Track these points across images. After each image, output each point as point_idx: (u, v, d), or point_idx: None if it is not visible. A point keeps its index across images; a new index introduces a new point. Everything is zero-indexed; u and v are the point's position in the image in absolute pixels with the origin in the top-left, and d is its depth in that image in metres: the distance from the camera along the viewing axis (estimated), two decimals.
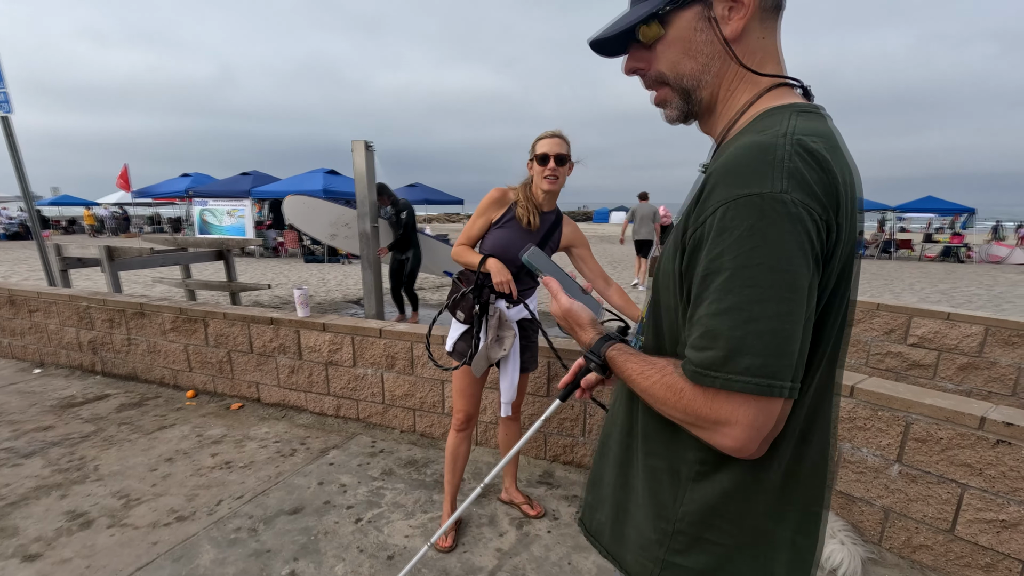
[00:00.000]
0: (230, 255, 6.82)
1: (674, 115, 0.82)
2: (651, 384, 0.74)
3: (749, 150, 0.65)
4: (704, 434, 0.69)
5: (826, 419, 0.79)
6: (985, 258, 17.52)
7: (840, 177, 0.66)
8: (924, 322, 3.96)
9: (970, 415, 2.08)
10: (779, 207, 0.61)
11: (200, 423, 3.66)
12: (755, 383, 0.62)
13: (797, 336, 0.63)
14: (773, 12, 0.75)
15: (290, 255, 16.32)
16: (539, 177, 2.10)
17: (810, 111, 0.72)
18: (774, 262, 0.61)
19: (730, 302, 0.62)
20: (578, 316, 0.91)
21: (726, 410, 0.65)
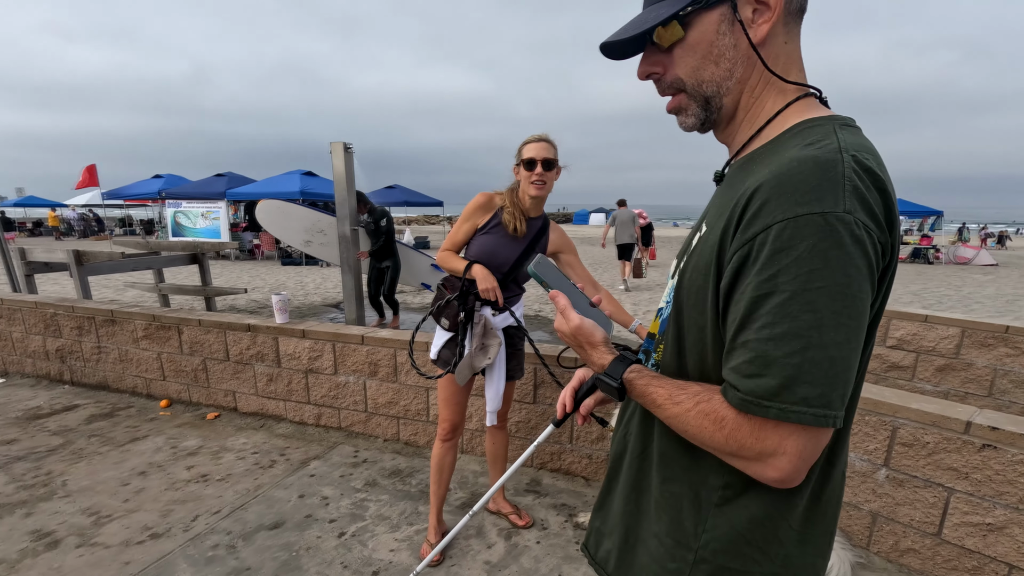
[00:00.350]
0: (204, 258, 6.64)
1: (691, 123, 0.78)
2: (683, 411, 0.69)
3: (807, 164, 0.61)
4: (744, 464, 0.65)
5: (846, 440, 0.77)
6: (953, 259, 18.04)
7: (892, 195, 0.63)
8: (903, 324, 4.02)
9: (956, 419, 2.10)
10: (844, 228, 0.57)
11: (175, 434, 3.53)
12: (812, 414, 0.58)
13: (853, 365, 0.60)
14: (797, 16, 0.71)
15: (267, 258, 16.03)
16: (526, 183, 2.06)
17: (849, 125, 0.69)
18: (836, 286, 0.57)
19: (787, 327, 0.58)
20: (590, 335, 0.84)
21: (773, 441, 0.61)
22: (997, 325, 3.65)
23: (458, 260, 2.15)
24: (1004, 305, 9.52)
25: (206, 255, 6.69)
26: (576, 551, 2.39)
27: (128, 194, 18.60)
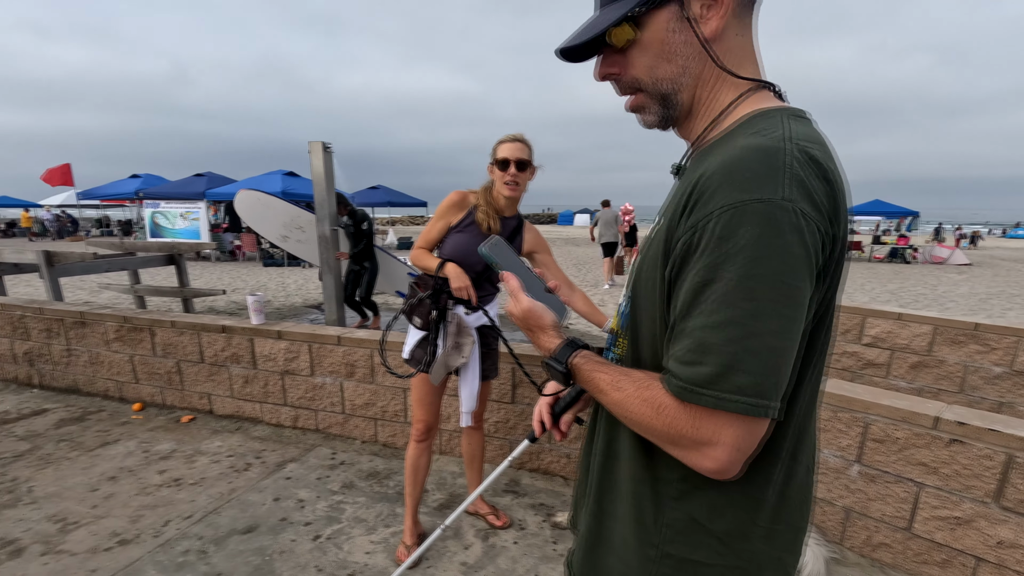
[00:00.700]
0: (182, 259, 6.53)
1: (651, 120, 0.78)
2: (625, 397, 0.68)
3: (751, 152, 0.61)
4: (682, 453, 0.65)
5: (811, 435, 0.77)
6: (929, 259, 18.40)
7: (838, 186, 0.63)
8: (877, 322, 4.08)
9: (925, 415, 2.13)
10: (783, 216, 0.57)
11: (147, 438, 3.46)
12: (746, 403, 0.58)
13: (790, 355, 0.60)
14: (749, 7, 0.71)
15: (248, 259, 15.82)
16: (499, 183, 2.05)
17: (801, 116, 0.69)
18: (775, 275, 0.57)
19: (726, 315, 0.58)
20: (539, 318, 0.83)
21: (710, 430, 0.61)
22: (967, 323, 3.73)
23: (431, 258, 2.13)
24: (977, 303, 9.73)
25: (183, 256, 6.58)
26: (553, 551, 2.38)
27: (104, 194, 18.25)
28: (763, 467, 0.70)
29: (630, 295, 0.78)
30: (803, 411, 0.72)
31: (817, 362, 0.72)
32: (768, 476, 0.71)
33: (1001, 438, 1.98)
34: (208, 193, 14.70)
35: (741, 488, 0.70)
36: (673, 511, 0.72)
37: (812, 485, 0.79)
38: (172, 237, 14.63)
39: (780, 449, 0.71)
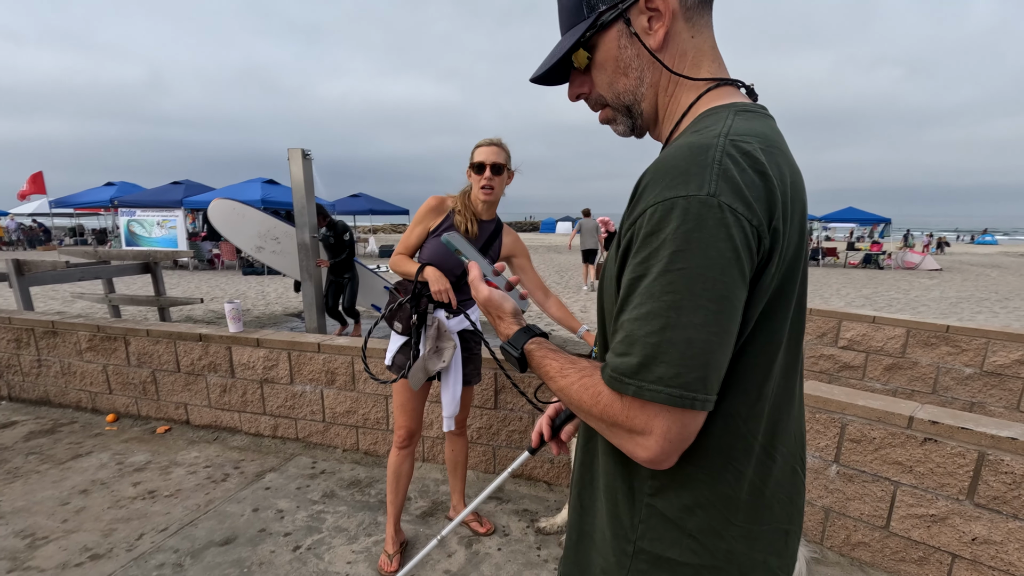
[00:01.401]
0: (158, 268, 6.41)
1: (622, 130, 0.82)
2: (569, 384, 0.71)
3: (683, 150, 0.63)
4: (619, 441, 0.66)
5: (792, 433, 0.77)
6: (901, 264, 18.87)
7: (776, 180, 0.63)
8: (852, 325, 4.16)
9: (899, 415, 2.17)
10: (706, 211, 0.58)
11: (121, 449, 3.38)
12: (667, 393, 0.59)
13: (715, 347, 0.60)
14: (700, 8, 0.73)
15: (227, 267, 15.59)
16: (476, 186, 2.06)
17: (752, 110, 0.71)
18: (697, 268, 0.58)
19: (649, 307, 0.60)
20: (500, 305, 0.85)
21: (641, 419, 0.62)
22: (939, 325, 3.82)
23: (410, 263, 2.12)
24: (948, 307, 9.99)
25: (159, 264, 6.46)
26: (537, 557, 2.37)
27: (78, 202, 17.87)
28: (733, 463, 0.71)
29: (598, 295, 0.80)
30: (774, 407, 0.73)
31: (788, 358, 0.72)
32: (740, 474, 0.71)
33: (972, 436, 2.03)
34: (186, 201, 14.48)
35: (711, 486, 0.70)
36: (647, 507, 0.73)
37: (799, 485, 0.79)
38: (149, 246, 14.37)
39: (751, 447, 0.71)
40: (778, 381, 0.72)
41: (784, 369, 0.73)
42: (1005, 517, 2.01)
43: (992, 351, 3.63)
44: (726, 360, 0.62)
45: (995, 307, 10.11)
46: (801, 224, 0.69)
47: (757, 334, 0.67)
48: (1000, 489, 2.00)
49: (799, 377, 0.79)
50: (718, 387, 0.62)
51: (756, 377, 0.69)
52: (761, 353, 0.68)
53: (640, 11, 0.71)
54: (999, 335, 3.60)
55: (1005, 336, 3.58)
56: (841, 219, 21.83)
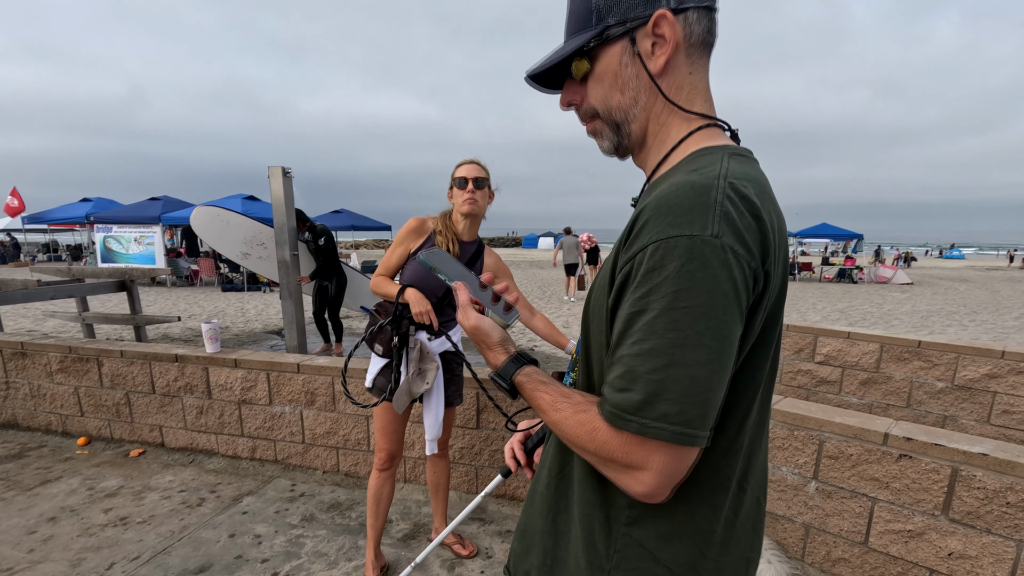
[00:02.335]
0: (134, 286, 6.28)
1: (606, 147, 0.83)
2: (563, 418, 0.70)
3: (684, 189, 0.63)
4: (614, 475, 0.67)
5: (761, 465, 0.78)
6: (874, 279, 19.31)
7: (769, 224, 0.65)
8: (828, 341, 4.24)
9: (875, 431, 2.21)
10: (710, 251, 0.59)
11: (92, 474, 3.28)
12: (670, 431, 0.60)
13: (716, 385, 0.61)
14: (701, 49, 0.75)
15: (206, 284, 15.34)
16: (459, 200, 2.08)
17: (742, 154, 0.73)
18: (700, 307, 0.59)
19: (652, 344, 0.60)
20: (487, 335, 0.84)
21: (639, 455, 0.62)
22: (911, 340, 3.90)
23: (391, 285, 2.12)
24: (920, 320, 10.23)
25: (136, 282, 6.33)
26: None
27: (52, 218, 17.50)
28: (711, 497, 0.72)
29: (583, 321, 0.80)
30: (750, 442, 0.74)
31: (764, 395, 0.74)
32: (716, 507, 0.72)
33: (945, 452, 2.07)
34: (164, 217, 14.26)
35: (689, 518, 0.71)
36: (623, 537, 0.73)
37: (762, 515, 0.80)
38: (125, 262, 14.09)
39: (728, 480, 0.72)
40: (755, 417, 0.73)
41: (761, 405, 0.74)
42: (979, 532, 2.04)
43: (962, 365, 3.72)
44: (722, 397, 0.64)
45: (964, 320, 10.38)
46: (785, 267, 0.71)
47: (742, 371, 0.68)
48: (973, 504, 2.04)
49: (769, 412, 0.80)
50: (713, 423, 0.63)
51: (739, 413, 0.71)
52: (745, 390, 0.70)
53: (646, 34, 0.73)
54: (968, 350, 3.69)
55: (974, 351, 3.68)
56: (816, 235, 22.35)
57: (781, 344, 0.79)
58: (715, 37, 0.76)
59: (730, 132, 0.80)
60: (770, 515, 2.50)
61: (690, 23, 0.73)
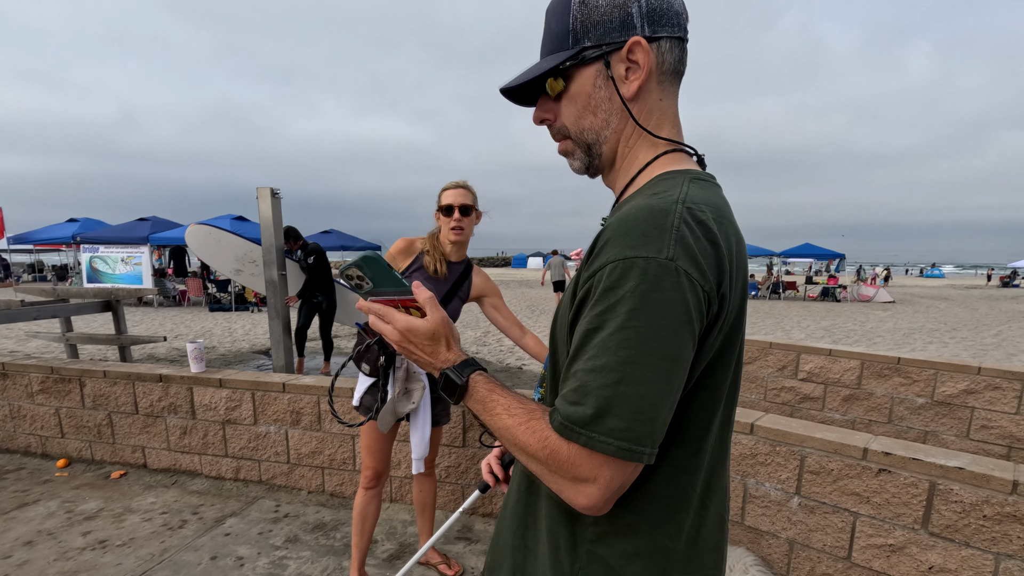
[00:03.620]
0: (119, 306, 6.22)
1: (577, 166, 0.84)
2: (516, 423, 0.70)
3: (643, 212, 0.66)
4: (558, 486, 0.67)
5: (723, 485, 0.80)
6: (857, 297, 19.60)
7: (726, 249, 0.67)
8: (810, 358, 4.30)
9: (854, 446, 2.24)
10: (664, 274, 0.61)
11: (72, 496, 3.22)
12: (616, 446, 0.61)
13: (664, 404, 0.63)
14: (672, 76, 0.78)
15: (194, 304, 15.21)
16: (445, 228, 2.11)
17: (704, 179, 0.75)
18: (652, 327, 0.61)
19: (604, 360, 0.62)
20: (452, 329, 0.81)
21: (586, 468, 0.64)
22: (890, 357, 3.97)
23: None
24: (902, 338, 10.37)
25: (121, 302, 6.27)
26: None
27: (38, 239, 17.35)
28: (674, 516, 0.73)
29: (551, 338, 0.82)
30: (712, 459, 0.76)
31: (725, 413, 0.76)
32: (679, 525, 0.74)
33: (923, 467, 2.11)
34: (152, 238, 14.19)
35: (652, 536, 0.72)
36: (588, 553, 0.74)
37: (726, 532, 0.81)
38: (112, 282, 13.96)
39: (690, 499, 0.74)
40: (716, 435, 0.75)
41: (721, 423, 0.76)
42: (958, 545, 2.07)
43: (941, 382, 3.79)
44: (670, 416, 0.65)
45: (944, 337, 10.55)
46: (743, 289, 0.73)
47: (700, 391, 0.70)
48: (952, 518, 2.07)
49: (731, 430, 0.82)
50: (660, 441, 0.65)
51: (698, 431, 0.72)
52: (703, 408, 0.72)
53: (621, 59, 0.75)
54: (946, 366, 3.76)
55: (952, 367, 3.75)
56: (799, 254, 22.74)
57: (743, 363, 0.81)
58: (685, 66, 0.79)
59: (697, 157, 0.82)
60: (754, 531, 2.52)
61: (663, 51, 0.75)
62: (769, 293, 20.72)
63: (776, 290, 20.79)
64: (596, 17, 0.74)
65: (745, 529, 2.55)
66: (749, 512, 2.53)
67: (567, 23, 0.76)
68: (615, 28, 0.74)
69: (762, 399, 4.54)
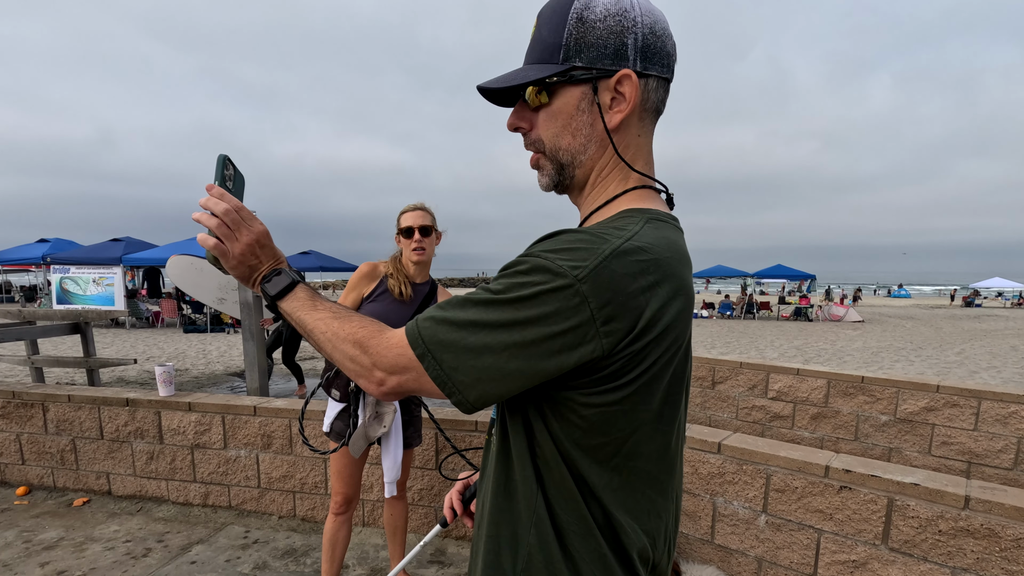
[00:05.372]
0: (88, 328, 6.08)
1: (545, 182, 0.83)
2: (352, 315, 0.80)
3: (585, 234, 0.67)
4: (365, 362, 0.75)
5: (646, 511, 0.79)
6: (828, 317, 20.04)
7: (665, 296, 0.67)
8: (779, 377, 4.39)
9: (816, 464, 2.30)
10: (559, 282, 0.63)
11: (31, 525, 3.12)
12: (438, 373, 0.70)
13: (498, 378, 0.68)
14: (652, 114, 0.78)
15: (168, 325, 14.91)
16: (407, 250, 2.14)
17: (661, 219, 0.75)
18: (512, 317, 0.65)
19: (469, 315, 0.68)
20: (251, 218, 0.85)
21: (403, 365, 0.72)
22: (855, 376, 4.09)
23: None
24: (870, 356, 10.63)
25: (90, 324, 6.14)
26: None
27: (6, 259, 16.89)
28: None
29: None
30: (618, 503, 0.74)
31: (663, 463, 0.76)
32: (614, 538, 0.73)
33: (881, 483, 2.17)
34: (126, 258, 13.93)
35: (582, 537, 0.73)
36: (532, 556, 0.75)
37: (668, 558, 0.81)
38: (83, 303, 13.65)
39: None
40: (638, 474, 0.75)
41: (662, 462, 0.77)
42: (917, 560, 2.13)
43: (903, 399, 3.91)
44: (500, 393, 0.68)
45: (911, 356, 10.84)
46: (686, 350, 0.75)
47: (643, 445, 0.72)
48: (910, 533, 2.13)
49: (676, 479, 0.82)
50: (477, 406, 0.70)
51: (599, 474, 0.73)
52: (626, 450, 0.72)
53: (608, 88, 0.74)
54: (907, 384, 3.88)
55: (912, 385, 3.87)
56: (772, 275, 23.30)
57: (687, 416, 0.83)
58: (664, 107, 0.79)
59: (666, 196, 0.82)
60: (723, 549, 2.55)
61: (649, 89, 0.75)
62: (743, 313, 21.10)
63: (750, 310, 21.17)
64: (591, 39, 0.73)
65: (715, 548, 2.58)
66: (718, 531, 2.56)
67: (560, 36, 0.74)
68: (608, 55, 0.73)
69: (734, 418, 4.61)
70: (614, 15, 0.72)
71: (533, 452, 0.73)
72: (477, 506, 0.89)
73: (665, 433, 0.75)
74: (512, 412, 0.75)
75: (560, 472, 0.71)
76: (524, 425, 0.74)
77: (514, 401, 0.74)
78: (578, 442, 0.70)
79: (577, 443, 0.70)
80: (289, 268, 0.86)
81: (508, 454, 0.77)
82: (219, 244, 0.83)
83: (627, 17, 0.72)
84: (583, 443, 0.70)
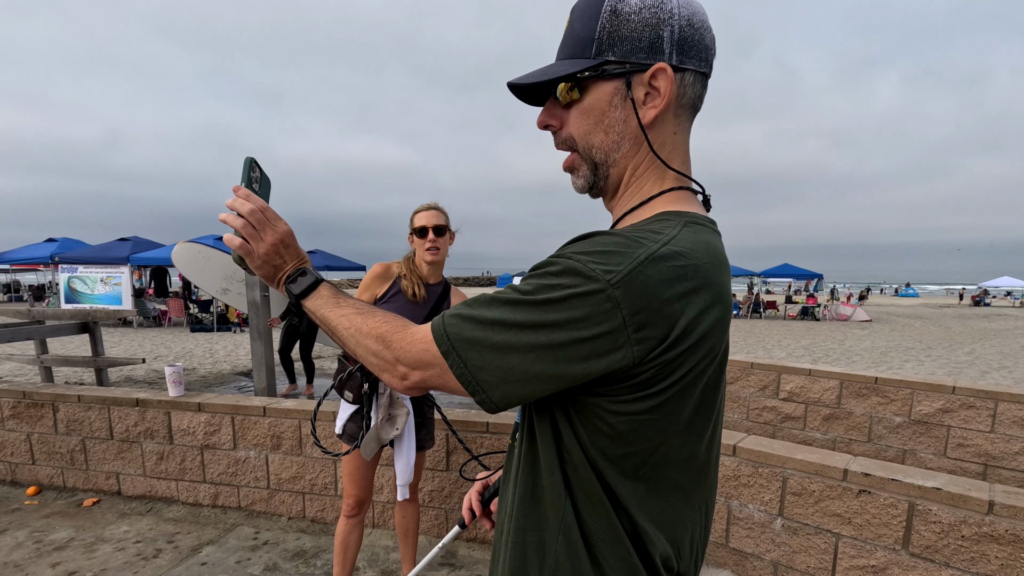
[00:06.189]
0: (97, 327, 6.10)
1: (581, 184, 0.80)
2: (374, 311, 0.80)
3: (619, 238, 0.65)
4: (389, 356, 0.75)
5: (672, 522, 0.77)
6: (835, 316, 19.92)
7: (702, 303, 0.64)
8: (791, 378, 4.35)
9: (834, 467, 2.27)
10: (591, 287, 0.61)
11: (42, 526, 3.12)
12: (462, 372, 0.69)
13: (522, 379, 0.66)
14: (689, 111, 0.75)
15: (175, 324, 14.97)
16: (421, 250, 2.12)
17: (699, 223, 0.72)
18: (540, 318, 0.63)
19: (495, 314, 0.66)
20: (277, 219, 0.86)
21: (427, 360, 0.71)
22: (868, 376, 4.04)
23: None
24: (879, 356, 10.54)
25: (98, 324, 6.15)
26: None
27: (14, 258, 16.99)
28: None
29: None
30: (651, 516, 0.72)
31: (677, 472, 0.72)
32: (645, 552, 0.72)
33: (902, 487, 2.13)
34: (133, 258, 13.98)
35: (611, 546, 0.71)
36: (559, 565, 0.73)
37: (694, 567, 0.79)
38: (91, 303, 13.71)
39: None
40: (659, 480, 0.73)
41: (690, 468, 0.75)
42: (938, 565, 2.09)
43: (917, 401, 3.86)
44: (525, 396, 0.67)
45: (920, 356, 10.75)
46: (722, 359, 0.72)
47: (671, 455, 0.70)
48: (931, 538, 2.09)
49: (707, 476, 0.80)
50: (501, 406, 0.68)
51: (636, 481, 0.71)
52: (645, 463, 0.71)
53: (642, 83, 0.71)
54: (922, 385, 3.83)
55: (927, 386, 3.82)
56: (778, 274, 23.16)
57: (724, 405, 0.80)
58: (702, 103, 0.75)
59: (703, 197, 0.79)
60: (738, 553, 2.52)
61: (686, 84, 0.72)
62: (750, 312, 21.02)
63: (757, 309, 21.08)
64: (625, 32, 0.70)
65: (730, 551, 2.55)
66: (733, 534, 2.53)
67: (593, 30, 0.71)
68: (643, 49, 0.70)
69: (744, 419, 4.57)
70: (650, 7, 0.69)
71: (561, 458, 0.71)
72: (499, 509, 0.87)
73: (695, 443, 0.73)
74: (540, 417, 0.73)
75: (588, 479, 0.70)
76: (552, 430, 0.72)
77: (541, 405, 0.72)
78: (604, 451, 0.68)
79: (603, 452, 0.68)
80: (312, 268, 0.87)
81: (535, 459, 0.75)
82: (244, 244, 0.83)
83: (663, 8, 0.69)
84: (609, 453, 0.68)
